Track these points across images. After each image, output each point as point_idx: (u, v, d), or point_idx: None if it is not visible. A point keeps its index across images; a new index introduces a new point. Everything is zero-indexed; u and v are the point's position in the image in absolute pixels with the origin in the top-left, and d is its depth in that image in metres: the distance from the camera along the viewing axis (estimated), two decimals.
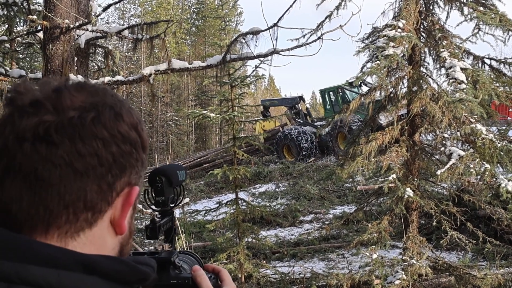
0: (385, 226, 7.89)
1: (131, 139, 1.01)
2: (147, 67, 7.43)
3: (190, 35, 68.18)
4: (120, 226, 1.03)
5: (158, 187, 1.40)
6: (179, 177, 1.46)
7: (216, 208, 10.63)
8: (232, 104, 9.72)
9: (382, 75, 7.11)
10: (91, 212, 0.97)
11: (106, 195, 0.98)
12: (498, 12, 7.92)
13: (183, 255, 1.54)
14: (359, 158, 7.77)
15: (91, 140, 0.94)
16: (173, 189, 1.45)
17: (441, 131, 7.97)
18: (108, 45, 9.19)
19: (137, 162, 1.03)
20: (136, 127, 1.03)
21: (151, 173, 1.41)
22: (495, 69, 8.40)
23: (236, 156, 9.74)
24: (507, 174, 7.87)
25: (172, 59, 7.12)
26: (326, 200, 19.07)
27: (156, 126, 55.55)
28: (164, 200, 1.42)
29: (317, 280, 9.95)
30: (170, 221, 1.47)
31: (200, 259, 1.58)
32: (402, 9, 7.97)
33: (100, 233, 1.00)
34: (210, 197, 22.76)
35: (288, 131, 28.27)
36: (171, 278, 1.35)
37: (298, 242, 13.90)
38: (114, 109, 0.99)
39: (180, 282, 1.34)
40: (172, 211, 1.47)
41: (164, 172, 1.41)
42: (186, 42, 66.56)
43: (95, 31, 7.69)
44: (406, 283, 7.61)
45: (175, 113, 55.47)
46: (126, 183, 1.01)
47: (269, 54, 7.10)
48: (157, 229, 1.38)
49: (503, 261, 10.03)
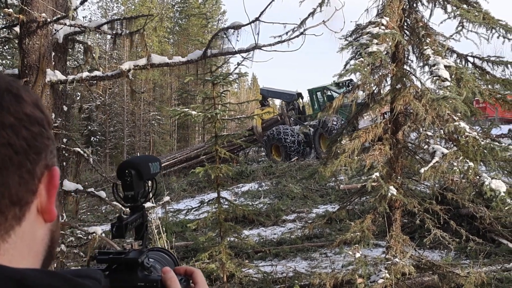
0: (368, 224, 7.85)
1: (38, 118, 0.93)
2: (126, 62, 7.34)
3: (173, 34, 68.15)
4: (50, 213, 0.96)
5: (127, 181, 1.30)
6: (152, 170, 1.36)
7: (198, 207, 10.56)
8: (214, 102, 9.65)
9: (366, 72, 7.06)
10: (18, 207, 0.89)
11: (29, 184, 0.90)
12: (482, 10, 7.92)
13: (156, 252, 1.46)
14: (342, 156, 7.72)
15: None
16: (144, 183, 1.35)
17: (425, 129, 7.95)
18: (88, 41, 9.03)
19: (48, 141, 0.96)
20: (37, 104, 0.95)
21: (120, 166, 1.31)
22: (479, 67, 8.39)
23: (218, 155, 9.66)
24: (490, 173, 7.84)
25: (151, 54, 7.02)
26: (309, 199, 19.10)
27: (138, 125, 55.39)
28: (134, 195, 1.32)
29: (300, 280, 9.89)
30: (141, 217, 1.36)
31: (175, 257, 1.50)
32: (386, 6, 7.95)
33: (30, 227, 0.92)
34: (193, 196, 22.72)
35: (273, 131, 28.31)
36: (138, 281, 1.24)
37: (280, 241, 13.87)
38: (12, 91, 0.91)
39: (148, 285, 1.24)
40: (143, 207, 1.37)
41: (134, 165, 1.31)
42: (169, 41, 66.45)
43: (73, 25, 7.56)
44: (390, 282, 7.57)
45: (157, 112, 55.37)
46: (44, 166, 0.94)
47: (250, 49, 7.01)
48: (124, 227, 1.27)
49: (485, 260, 10.04)
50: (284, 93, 32.53)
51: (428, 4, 8.44)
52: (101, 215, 19.93)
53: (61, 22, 7.26)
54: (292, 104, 31.06)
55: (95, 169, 8.98)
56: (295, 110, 31.07)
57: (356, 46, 7.40)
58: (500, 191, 6.82)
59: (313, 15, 8.07)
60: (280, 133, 27.86)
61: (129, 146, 53.32)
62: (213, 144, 9.66)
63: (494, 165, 7.51)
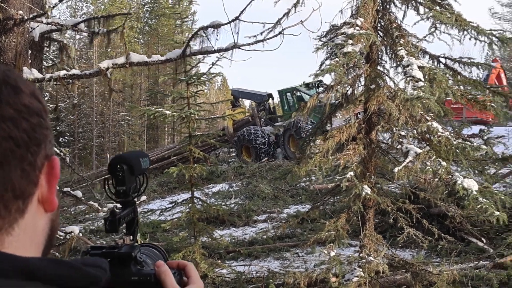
0: (342, 223, 7.90)
1: (36, 109, 0.94)
2: (105, 60, 7.28)
3: (143, 34, 67.66)
4: (51, 203, 0.97)
5: (119, 176, 1.31)
6: (142, 165, 1.37)
7: (171, 207, 10.53)
8: (188, 102, 9.63)
9: (341, 72, 7.11)
10: (21, 200, 0.90)
11: (31, 176, 0.91)
12: (454, 12, 8.02)
13: (146, 248, 1.46)
14: (316, 156, 7.77)
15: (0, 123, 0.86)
16: (135, 178, 1.36)
17: (398, 129, 8.03)
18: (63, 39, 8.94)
19: (47, 130, 0.96)
20: (35, 94, 0.96)
21: (112, 161, 1.32)
22: (451, 68, 8.50)
23: (192, 154, 9.65)
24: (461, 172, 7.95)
25: (130, 52, 6.99)
26: (280, 199, 19.12)
27: (108, 126, 54.94)
28: (126, 190, 1.33)
29: (274, 279, 9.92)
30: (132, 212, 1.37)
31: (165, 253, 1.50)
32: (360, 8, 8.01)
33: (32, 219, 0.93)
34: (163, 197, 22.64)
35: (244, 132, 28.28)
36: (132, 275, 1.26)
37: (252, 241, 13.87)
38: (9, 82, 0.91)
39: (142, 279, 1.26)
40: (134, 202, 1.38)
41: (126, 160, 1.32)
42: (139, 41, 65.98)
43: (50, 23, 7.48)
44: (364, 280, 7.64)
45: (127, 113, 54.98)
46: (44, 157, 0.95)
47: (230, 48, 7.02)
48: (117, 221, 1.28)
49: (456, 258, 10.18)
50: (254, 94, 32.49)
51: (401, 5, 8.53)
52: (70, 216, 19.73)
53: (38, 20, 7.19)
54: (262, 105, 31.07)
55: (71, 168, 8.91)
56: (266, 111, 31.09)
57: (331, 46, 7.45)
58: (472, 190, 6.91)
59: (288, 16, 8.13)
60: (250, 134, 27.83)
61: (98, 147, 52.91)
62: (187, 144, 9.65)
63: (466, 164, 7.62)
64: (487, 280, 8.97)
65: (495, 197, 7.13)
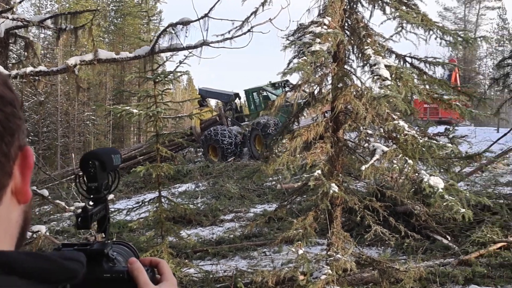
0: (310, 221, 7.93)
1: (9, 98, 0.92)
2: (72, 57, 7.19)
3: (109, 33, 67.13)
4: (25, 194, 0.95)
5: (90, 172, 1.29)
6: (114, 162, 1.37)
7: (138, 207, 10.43)
8: (156, 100, 9.57)
9: (309, 70, 7.13)
10: None
11: (6, 167, 0.89)
12: (420, 12, 8.10)
13: (118, 246, 1.43)
14: (284, 154, 7.77)
15: None
16: (107, 174, 1.35)
17: (365, 127, 8.08)
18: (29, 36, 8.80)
19: (20, 120, 0.94)
20: (7, 83, 0.94)
21: (83, 157, 1.30)
22: (417, 68, 8.58)
23: (159, 153, 9.59)
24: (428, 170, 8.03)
25: (98, 49, 6.91)
26: (246, 199, 19.18)
27: (73, 126, 54.40)
28: (97, 186, 1.31)
29: (242, 278, 9.91)
30: (104, 209, 1.36)
31: (136, 251, 1.49)
32: (328, 7, 8.04)
33: (5, 210, 0.91)
34: (129, 197, 22.52)
35: (211, 131, 28.28)
36: (104, 272, 1.24)
37: (220, 240, 13.87)
38: None
39: (114, 276, 1.24)
40: (106, 199, 1.36)
41: (98, 156, 1.31)
42: (104, 40, 65.41)
43: (16, 19, 7.36)
44: (332, 278, 7.67)
45: (92, 112, 54.51)
46: (17, 147, 0.93)
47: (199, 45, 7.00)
48: (89, 218, 1.26)
49: (422, 255, 10.30)
50: (221, 93, 32.54)
51: (368, 5, 8.59)
52: (35, 217, 19.47)
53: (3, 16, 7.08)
54: (229, 105, 31.12)
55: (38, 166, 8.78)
56: (233, 110, 31.15)
57: (299, 45, 7.47)
58: (439, 187, 6.99)
59: (255, 14, 8.13)
60: (217, 134, 27.87)
61: (63, 147, 52.33)
62: (154, 142, 9.58)
63: (432, 162, 7.70)
64: (452, 276, 9.09)
65: (461, 194, 7.23)
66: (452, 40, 8.01)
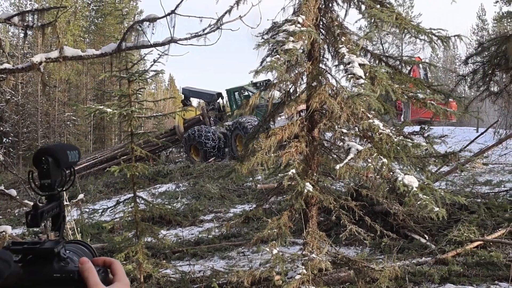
0: (285, 221, 7.88)
1: None
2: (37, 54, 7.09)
3: (89, 34, 66.87)
4: None
5: (43, 168, 1.25)
6: (70, 158, 1.32)
7: (113, 207, 10.35)
8: (130, 100, 9.48)
9: (282, 69, 7.08)
10: None
11: None
12: (395, 11, 8.09)
13: (74, 245, 1.39)
14: (259, 154, 7.72)
15: None
16: (61, 171, 1.30)
17: (340, 126, 8.05)
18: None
19: None
20: None
21: (36, 153, 1.26)
22: (391, 67, 8.58)
23: (134, 153, 9.50)
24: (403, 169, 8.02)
25: (64, 46, 6.82)
26: (227, 199, 19.21)
27: (53, 126, 54.10)
28: (51, 183, 1.27)
29: (218, 278, 9.87)
30: (58, 206, 1.31)
31: (93, 249, 1.45)
32: (302, 5, 8.00)
33: None
34: (109, 197, 22.49)
35: (195, 131, 28.32)
36: (54, 272, 1.20)
37: (198, 241, 13.86)
38: None
39: (64, 276, 1.19)
40: (60, 196, 1.32)
41: (50, 152, 1.26)
42: (84, 40, 65.12)
43: None
44: (307, 277, 7.63)
45: (73, 113, 54.24)
46: None
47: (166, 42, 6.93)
48: (39, 215, 1.22)
49: (399, 254, 10.31)
50: (204, 93, 32.64)
51: (343, 4, 8.57)
52: (14, 218, 19.31)
53: None
54: (212, 104, 31.19)
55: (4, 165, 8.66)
56: (215, 110, 31.20)
57: (272, 43, 7.41)
58: (413, 186, 6.97)
59: (230, 13, 8.07)
60: (201, 135, 27.93)
61: None
62: (129, 142, 9.49)
63: (407, 161, 7.69)
64: (428, 275, 9.11)
65: (436, 193, 7.22)
66: (427, 39, 8.01)
